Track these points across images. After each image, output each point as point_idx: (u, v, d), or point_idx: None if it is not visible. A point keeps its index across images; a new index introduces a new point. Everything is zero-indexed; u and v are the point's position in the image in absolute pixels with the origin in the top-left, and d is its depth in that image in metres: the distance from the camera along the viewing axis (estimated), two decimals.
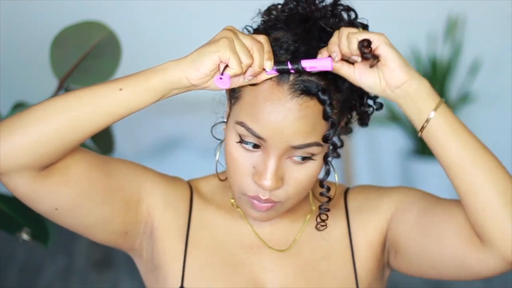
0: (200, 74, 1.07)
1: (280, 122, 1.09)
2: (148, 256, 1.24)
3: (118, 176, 1.18)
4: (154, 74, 1.08)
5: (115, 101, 1.08)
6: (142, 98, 1.08)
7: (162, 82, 1.08)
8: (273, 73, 1.09)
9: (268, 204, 1.15)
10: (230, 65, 1.07)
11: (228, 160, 1.15)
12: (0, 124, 1.08)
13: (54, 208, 1.13)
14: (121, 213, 1.18)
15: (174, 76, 1.08)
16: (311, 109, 1.10)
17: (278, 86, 1.10)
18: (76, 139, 1.08)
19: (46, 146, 1.07)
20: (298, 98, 1.09)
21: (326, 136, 1.11)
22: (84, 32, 1.69)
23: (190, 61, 1.07)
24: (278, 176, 1.12)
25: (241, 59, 1.07)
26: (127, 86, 1.08)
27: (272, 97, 1.09)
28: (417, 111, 1.08)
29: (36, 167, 1.08)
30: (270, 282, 1.23)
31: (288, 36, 1.12)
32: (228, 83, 1.08)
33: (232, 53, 1.06)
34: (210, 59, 1.06)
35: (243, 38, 1.08)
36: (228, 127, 1.15)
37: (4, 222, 1.61)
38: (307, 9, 1.15)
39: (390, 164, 4.09)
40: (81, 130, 1.08)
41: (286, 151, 1.11)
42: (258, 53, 1.08)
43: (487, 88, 3.97)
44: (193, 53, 1.08)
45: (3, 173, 1.08)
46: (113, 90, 1.08)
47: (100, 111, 1.08)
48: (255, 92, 1.11)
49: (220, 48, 1.06)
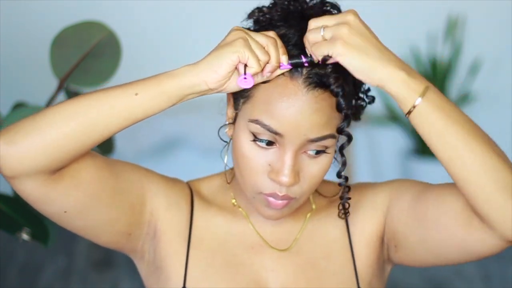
0: (219, 76, 1.07)
1: (297, 116, 1.10)
2: (150, 258, 1.24)
3: (124, 178, 1.18)
4: (170, 79, 1.07)
5: (130, 105, 1.07)
6: (157, 103, 1.08)
7: (179, 87, 1.07)
8: (287, 67, 1.09)
9: (285, 201, 1.15)
10: (250, 64, 1.07)
11: (241, 160, 1.15)
12: (12, 127, 1.07)
13: (64, 211, 1.13)
14: (126, 215, 1.18)
15: (192, 81, 1.07)
16: (325, 102, 1.10)
17: (292, 81, 1.10)
18: (89, 143, 1.08)
19: (59, 150, 1.06)
20: (313, 91, 1.10)
21: (341, 128, 1.12)
22: (84, 32, 1.70)
23: (207, 65, 1.07)
24: (295, 172, 1.13)
25: (258, 57, 1.07)
26: (142, 90, 1.07)
27: (288, 92, 1.10)
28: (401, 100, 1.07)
29: (48, 171, 1.08)
30: (272, 282, 1.23)
31: (293, 32, 1.12)
32: (252, 82, 1.08)
33: (250, 52, 1.06)
34: (229, 60, 1.06)
35: (255, 36, 1.08)
36: (238, 127, 1.15)
37: (4, 222, 1.61)
38: (298, 7, 1.15)
39: (390, 163, 4.09)
40: (95, 134, 1.08)
41: (303, 145, 1.12)
42: (273, 48, 1.08)
43: (487, 88, 3.97)
44: (208, 56, 1.08)
45: (14, 176, 1.08)
46: (129, 94, 1.07)
47: (115, 116, 1.07)
48: (268, 89, 1.11)
49: (238, 49, 1.06)
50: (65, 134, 1.06)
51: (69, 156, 1.08)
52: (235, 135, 1.16)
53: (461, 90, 3.93)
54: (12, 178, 1.08)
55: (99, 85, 1.71)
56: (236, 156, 1.16)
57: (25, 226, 1.62)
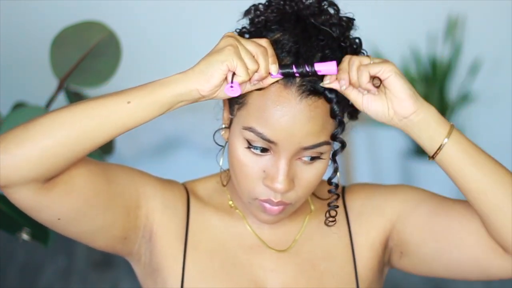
0: (211, 85, 1.06)
1: (291, 124, 1.09)
2: (146, 260, 1.24)
3: (117, 182, 1.17)
4: (163, 88, 1.07)
5: (123, 114, 1.07)
6: (150, 111, 1.07)
7: (171, 95, 1.07)
8: (278, 77, 1.09)
9: (280, 207, 1.15)
10: (238, 73, 1.06)
11: (236, 166, 1.14)
12: (4, 135, 1.06)
13: (57, 218, 1.12)
14: (121, 219, 1.18)
15: (184, 89, 1.07)
16: (319, 109, 1.10)
17: (286, 89, 1.09)
18: (82, 151, 1.08)
19: (53, 159, 1.06)
20: (307, 99, 1.09)
21: (335, 134, 1.12)
22: (84, 32, 1.69)
23: (198, 73, 1.07)
24: (290, 178, 1.12)
25: (247, 66, 1.06)
26: (135, 99, 1.07)
27: (281, 100, 1.09)
28: (428, 139, 1.10)
29: (42, 179, 1.07)
30: (271, 283, 1.22)
31: (287, 38, 1.11)
32: (239, 91, 1.07)
33: (239, 61, 1.06)
34: (219, 69, 1.06)
35: (246, 44, 1.08)
36: (233, 133, 1.15)
37: (4, 222, 1.61)
38: (294, 7, 1.14)
39: (390, 164, 4.09)
40: (89, 142, 1.07)
41: (297, 152, 1.11)
42: (263, 57, 1.07)
43: (487, 88, 3.97)
44: (200, 64, 1.07)
45: (7, 185, 1.07)
46: (121, 103, 1.07)
47: (108, 124, 1.07)
48: (262, 97, 1.10)
49: (227, 57, 1.05)
50: (59, 143, 1.06)
51: (63, 164, 1.08)
52: (230, 141, 1.15)
53: (461, 90, 3.92)
54: (5, 187, 1.07)
55: (99, 85, 1.71)
56: (232, 161, 1.16)
57: (25, 226, 1.62)
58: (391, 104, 1.09)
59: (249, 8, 1.16)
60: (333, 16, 1.13)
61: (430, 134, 1.10)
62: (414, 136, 1.11)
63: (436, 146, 1.10)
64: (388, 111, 1.09)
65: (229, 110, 1.17)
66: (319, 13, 1.13)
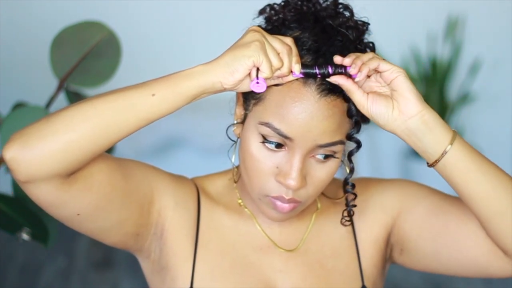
0: (235, 79, 1.06)
1: (309, 121, 1.10)
2: (155, 257, 1.24)
3: (133, 178, 1.17)
4: (187, 79, 1.07)
5: (147, 106, 1.06)
6: (174, 102, 1.07)
7: (195, 87, 1.07)
8: (299, 76, 1.09)
9: (291, 204, 1.15)
10: (262, 69, 1.06)
11: (249, 161, 1.14)
12: (25, 130, 1.05)
13: (76, 213, 1.11)
14: (135, 215, 1.18)
15: (208, 82, 1.07)
16: (337, 108, 1.11)
17: (306, 87, 1.10)
18: (105, 145, 1.07)
19: (76, 153, 1.05)
20: (326, 97, 1.10)
21: (350, 134, 1.13)
22: (84, 32, 1.70)
23: (223, 66, 1.06)
24: (302, 175, 1.13)
25: (272, 63, 1.06)
26: (160, 91, 1.06)
27: (301, 97, 1.10)
28: (432, 142, 1.09)
29: (64, 174, 1.06)
30: (281, 283, 1.23)
31: (307, 36, 1.12)
32: (265, 87, 1.07)
33: (265, 57, 1.06)
34: (245, 64, 1.06)
35: (272, 41, 1.08)
36: (247, 129, 1.15)
37: (4, 222, 1.61)
38: (312, 8, 1.14)
39: (390, 164, 4.09)
40: (112, 136, 1.06)
41: (312, 150, 1.12)
42: (287, 56, 1.08)
43: (487, 88, 3.97)
44: (225, 56, 1.07)
45: (29, 181, 1.05)
46: (145, 95, 1.06)
47: (132, 117, 1.06)
48: (281, 93, 1.11)
49: (254, 53, 1.05)
50: (82, 137, 1.04)
51: (86, 158, 1.06)
52: (244, 136, 1.15)
53: (461, 90, 3.93)
54: (26, 183, 1.06)
55: (99, 85, 1.71)
56: (244, 156, 1.15)
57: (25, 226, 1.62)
58: (396, 104, 1.09)
59: (264, 7, 1.16)
60: (349, 19, 1.14)
61: (434, 137, 1.09)
62: (416, 140, 1.10)
63: (440, 150, 1.09)
64: (393, 112, 1.09)
65: (244, 106, 1.17)
66: (335, 15, 1.14)
